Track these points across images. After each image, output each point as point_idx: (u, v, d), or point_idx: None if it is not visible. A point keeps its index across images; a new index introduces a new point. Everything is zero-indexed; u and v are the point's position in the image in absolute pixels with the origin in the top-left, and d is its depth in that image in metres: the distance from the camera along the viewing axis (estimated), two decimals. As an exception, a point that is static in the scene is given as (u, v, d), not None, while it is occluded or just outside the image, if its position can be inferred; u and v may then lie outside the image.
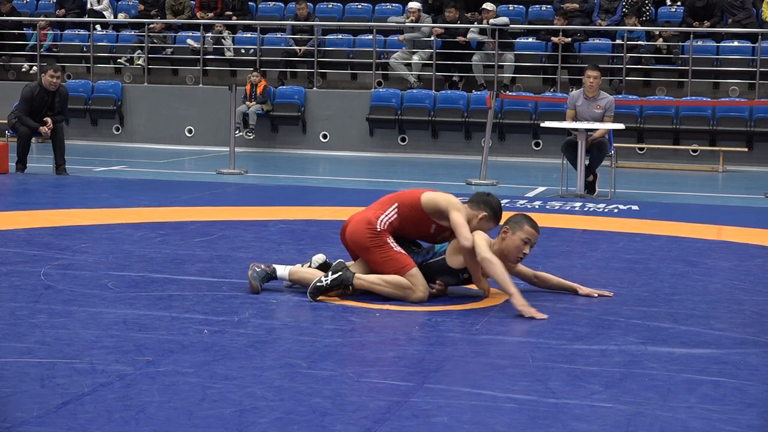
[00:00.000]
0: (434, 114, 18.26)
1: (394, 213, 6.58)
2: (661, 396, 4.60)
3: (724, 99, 17.85)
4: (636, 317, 6.13)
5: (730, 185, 15.28)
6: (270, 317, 5.90)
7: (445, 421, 4.19)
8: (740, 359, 5.28)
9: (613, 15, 19.05)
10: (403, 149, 18.36)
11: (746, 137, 17.14)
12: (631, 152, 17.22)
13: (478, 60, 18.83)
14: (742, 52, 18.42)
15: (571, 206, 11.49)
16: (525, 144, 17.91)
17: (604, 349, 5.40)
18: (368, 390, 4.56)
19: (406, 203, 6.61)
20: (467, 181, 13.99)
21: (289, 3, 21.16)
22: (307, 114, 18.84)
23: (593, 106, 12.89)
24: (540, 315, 6.01)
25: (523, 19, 20.06)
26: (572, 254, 8.43)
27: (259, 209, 10.61)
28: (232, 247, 8.21)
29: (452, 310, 6.19)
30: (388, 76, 19.60)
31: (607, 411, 4.38)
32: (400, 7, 20.48)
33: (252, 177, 14.50)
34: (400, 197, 6.69)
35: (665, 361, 5.21)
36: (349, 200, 11.60)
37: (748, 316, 6.25)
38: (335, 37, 20.08)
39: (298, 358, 5.04)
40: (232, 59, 20.22)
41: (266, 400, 4.38)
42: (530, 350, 5.30)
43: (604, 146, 12.85)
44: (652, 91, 18.55)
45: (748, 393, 4.70)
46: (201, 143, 18.94)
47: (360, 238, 6.54)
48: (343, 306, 6.22)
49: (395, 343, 5.38)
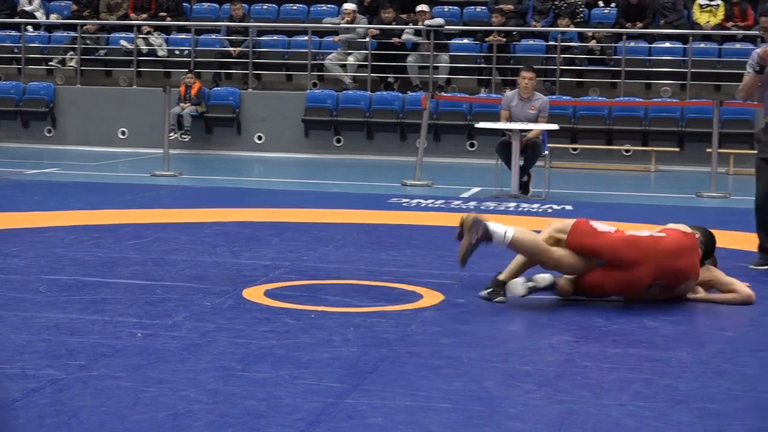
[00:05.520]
0: (369, 115, 18.26)
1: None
2: (594, 394, 4.65)
3: (656, 99, 18.04)
4: (569, 316, 6.18)
5: (662, 185, 15.45)
6: (204, 320, 5.87)
7: (380, 421, 4.19)
8: (671, 356, 5.35)
9: (546, 16, 19.18)
10: (339, 150, 18.35)
11: (678, 137, 17.33)
12: (565, 152, 17.35)
13: (413, 61, 18.88)
14: (673, 53, 18.63)
15: (505, 206, 11.55)
16: (460, 145, 17.97)
17: (537, 348, 5.43)
18: (303, 392, 4.55)
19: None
20: (402, 182, 14.02)
21: (223, 4, 21.05)
22: (242, 115, 18.76)
23: (528, 106, 12.97)
24: None
25: (458, 20, 20.13)
26: (506, 254, 8.44)
27: (194, 211, 10.55)
28: (166, 249, 8.15)
29: (387, 311, 6.19)
30: (323, 77, 19.57)
31: (540, 410, 4.41)
32: (336, 8, 20.46)
33: (186, 179, 14.42)
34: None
35: (598, 359, 5.27)
36: (284, 202, 11.58)
37: (679, 314, 6.32)
38: (270, 38, 20.02)
39: (232, 360, 5.02)
40: (166, 60, 20.08)
41: (200, 404, 4.35)
42: (464, 350, 5.32)
43: (538, 147, 12.93)
44: (585, 92, 18.69)
45: (679, 390, 4.75)
46: (135, 145, 18.78)
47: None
48: (277, 308, 6.20)
49: (330, 345, 5.38)
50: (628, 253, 6.34)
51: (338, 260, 7.88)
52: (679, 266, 6.44)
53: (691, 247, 6.50)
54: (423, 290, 6.81)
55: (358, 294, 6.68)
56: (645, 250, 6.34)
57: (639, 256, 6.32)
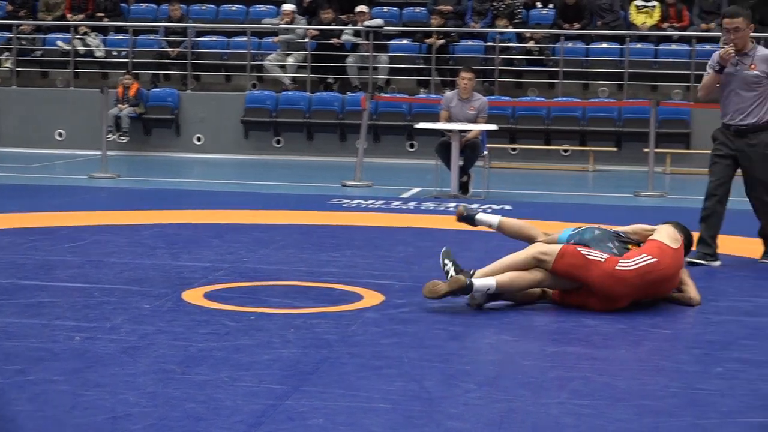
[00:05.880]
0: (309, 116, 18.24)
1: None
2: (534, 393, 4.67)
3: (594, 100, 18.18)
4: (509, 315, 6.21)
5: (600, 184, 15.59)
6: (143, 323, 5.83)
7: (321, 423, 4.19)
8: (610, 354, 5.39)
9: (485, 17, 19.27)
10: (278, 151, 18.31)
11: (615, 137, 17.49)
12: (504, 153, 17.44)
13: (353, 62, 18.88)
14: (610, 54, 18.79)
15: (445, 207, 11.59)
16: (399, 145, 18.00)
17: (477, 347, 5.46)
18: (243, 394, 4.53)
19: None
20: (342, 183, 14.01)
21: (161, 4, 20.91)
22: (181, 116, 18.66)
23: (467, 107, 13.02)
24: None
25: (397, 21, 20.16)
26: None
27: (132, 213, 10.47)
28: (104, 252, 8.09)
29: (328, 312, 6.19)
30: (263, 78, 19.51)
31: (480, 409, 4.43)
32: (275, 9, 20.40)
33: (125, 181, 14.31)
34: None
35: (537, 358, 5.30)
36: (224, 203, 11.53)
37: (617, 312, 6.37)
38: (209, 39, 19.92)
39: (171, 363, 4.99)
40: (104, 61, 19.91)
41: (139, 407, 4.32)
42: (405, 350, 5.33)
43: (478, 147, 12.99)
44: (524, 92, 18.81)
45: (618, 387, 4.80)
46: (72, 147, 18.60)
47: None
48: (217, 310, 6.18)
49: (270, 346, 5.36)
50: (617, 290, 6.31)
51: (278, 261, 7.86)
52: (665, 289, 6.54)
53: (679, 266, 6.56)
54: (363, 291, 6.81)
55: (299, 295, 6.67)
56: (634, 287, 6.32)
57: (627, 292, 6.33)
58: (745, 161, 8.20)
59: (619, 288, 6.29)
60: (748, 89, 8.16)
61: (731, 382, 4.94)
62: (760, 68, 8.15)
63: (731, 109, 8.23)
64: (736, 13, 8.21)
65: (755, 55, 8.18)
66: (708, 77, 8.32)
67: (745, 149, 8.17)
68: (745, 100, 8.16)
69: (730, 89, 8.22)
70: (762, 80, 8.15)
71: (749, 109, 8.16)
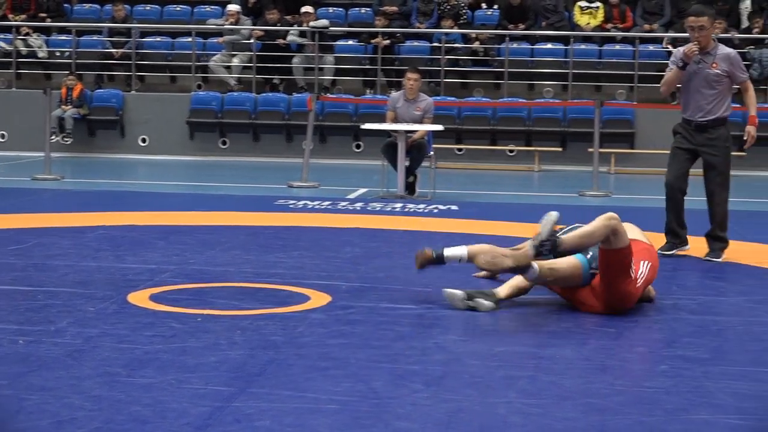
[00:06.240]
0: (255, 117, 18.18)
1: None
2: (481, 392, 4.69)
3: (539, 100, 18.29)
4: (456, 315, 6.23)
5: (546, 184, 15.67)
6: (88, 325, 5.78)
7: (268, 424, 4.18)
8: (556, 353, 5.42)
9: (430, 18, 19.31)
10: (224, 152, 18.24)
11: (560, 137, 17.60)
12: (450, 153, 17.49)
13: (299, 62, 18.85)
14: (555, 55, 18.90)
15: (392, 207, 11.60)
16: (346, 146, 18.00)
17: (424, 347, 5.46)
18: (190, 396, 4.51)
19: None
20: (289, 184, 13.98)
21: (105, 5, 20.75)
22: (126, 118, 18.53)
23: (413, 107, 13.04)
24: None
25: (343, 22, 20.15)
26: (394, 255, 8.51)
27: (77, 215, 10.38)
28: (48, 254, 8.01)
29: (274, 313, 6.17)
30: (208, 78, 19.43)
31: (428, 409, 4.44)
32: (220, 10, 20.32)
33: (69, 183, 14.19)
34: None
35: (484, 357, 5.31)
36: (170, 205, 11.46)
37: (563, 311, 6.42)
38: (153, 40, 19.80)
39: (117, 366, 4.95)
40: (47, 62, 19.72)
41: (84, 410, 4.28)
42: (352, 351, 5.32)
43: (424, 147, 13.01)
44: (470, 93, 18.87)
45: (564, 386, 4.82)
46: (15, 149, 18.39)
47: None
48: (163, 312, 6.14)
49: (217, 348, 5.33)
50: (627, 305, 6.34)
51: (225, 263, 7.83)
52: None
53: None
54: (310, 292, 6.80)
55: (245, 297, 6.65)
56: (638, 296, 6.43)
57: (633, 304, 6.40)
58: (705, 153, 8.50)
59: (629, 304, 6.35)
60: (709, 87, 8.44)
61: (676, 380, 4.99)
62: (721, 67, 8.43)
63: (692, 105, 8.51)
64: (701, 11, 8.46)
65: (716, 54, 8.47)
66: (671, 73, 8.57)
67: (706, 143, 8.47)
68: (706, 97, 8.45)
69: (692, 86, 8.50)
70: (722, 79, 8.45)
71: (709, 106, 8.44)
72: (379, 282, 7.18)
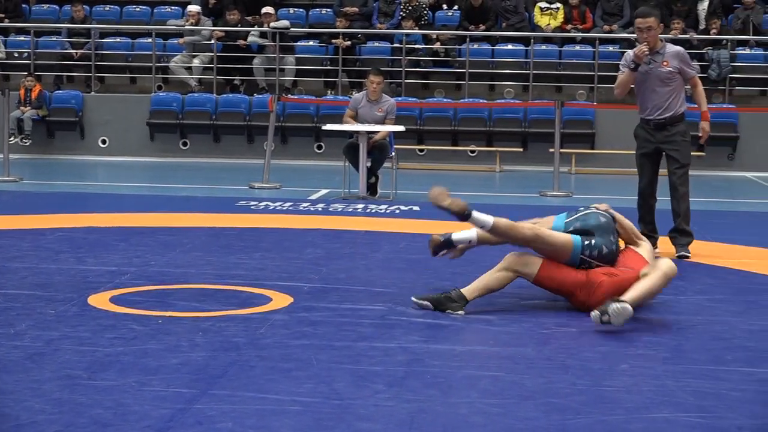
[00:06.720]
0: (216, 118, 18.12)
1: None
2: (443, 393, 4.70)
3: (500, 101, 18.34)
4: (417, 316, 6.24)
5: (507, 184, 15.73)
6: (48, 328, 5.74)
7: (230, 426, 4.17)
8: (517, 353, 5.44)
9: (391, 18, 19.33)
10: (185, 154, 18.17)
11: (521, 138, 17.66)
12: (412, 154, 17.51)
13: (259, 63, 18.81)
14: (516, 55, 18.97)
15: (353, 208, 11.60)
16: (307, 147, 17.98)
17: (387, 348, 5.47)
18: (151, 398, 4.49)
19: None
20: (250, 185, 13.95)
21: (64, 5, 20.61)
22: (85, 119, 18.42)
23: (376, 108, 13.05)
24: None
25: (304, 23, 20.12)
26: (356, 255, 8.51)
27: (36, 217, 10.31)
28: (7, 257, 7.95)
29: (236, 315, 6.16)
30: (168, 80, 19.35)
31: (390, 410, 4.44)
32: (180, 10, 20.25)
33: (28, 184, 14.08)
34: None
35: (446, 358, 5.33)
36: (130, 206, 11.41)
37: (526, 311, 6.44)
38: (113, 41, 19.70)
39: (77, 369, 4.92)
40: (5, 63, 19.56)
41: (45, 414, 4.26)
42: (314, 352, 5.32)
43: (385, 148, 13.03)
44: (431, 94, 18.90)
45: (526, 386, 4.84)
46: (-27, 150, 18.25)
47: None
48: (124, 314, 6.11)
49: (178, 350, 5.31)
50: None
51: (186, 264, 7.81)
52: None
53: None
54: (272, 293, 6.79)
55: (207, 298, 6.63)
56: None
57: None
58: (667, 148, 8.71)
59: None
60: (662, 85, 8.67)
61: (636, 379, 5.03)
62: (672, 64, 8.66)
63: (649, 105, 8.74)
64: (648, 13, 8.71)
65: (665, 52, 8.70)
66: (623, 75, 8.75)
67: (666, 140, 8.69)
68: (661, 95, 8.67)
69: (646, 86, 8.72)
70: (674, 75, 8.67)
71: (666, 103, 8.68)
72: (341, 283, 7.18)
